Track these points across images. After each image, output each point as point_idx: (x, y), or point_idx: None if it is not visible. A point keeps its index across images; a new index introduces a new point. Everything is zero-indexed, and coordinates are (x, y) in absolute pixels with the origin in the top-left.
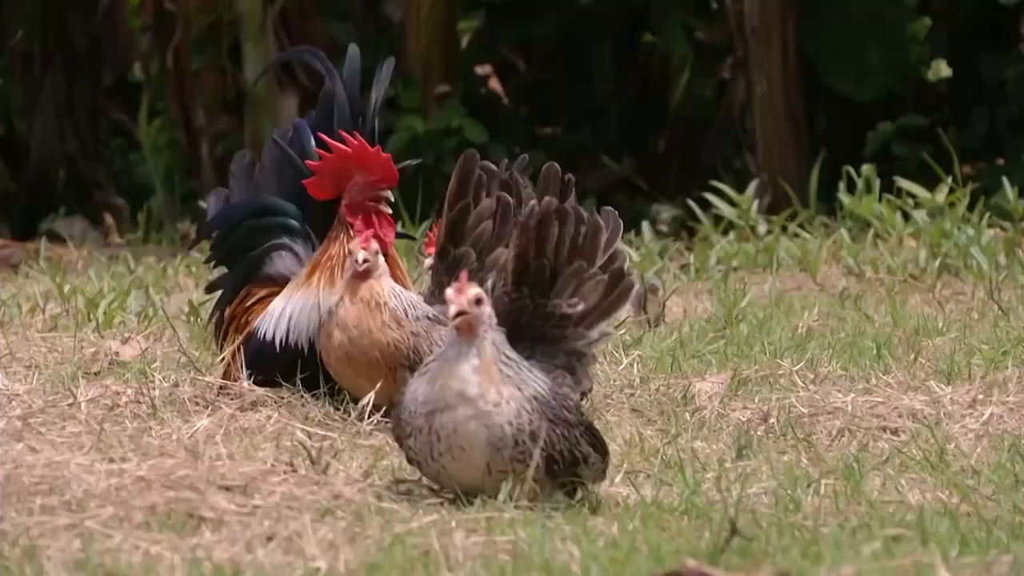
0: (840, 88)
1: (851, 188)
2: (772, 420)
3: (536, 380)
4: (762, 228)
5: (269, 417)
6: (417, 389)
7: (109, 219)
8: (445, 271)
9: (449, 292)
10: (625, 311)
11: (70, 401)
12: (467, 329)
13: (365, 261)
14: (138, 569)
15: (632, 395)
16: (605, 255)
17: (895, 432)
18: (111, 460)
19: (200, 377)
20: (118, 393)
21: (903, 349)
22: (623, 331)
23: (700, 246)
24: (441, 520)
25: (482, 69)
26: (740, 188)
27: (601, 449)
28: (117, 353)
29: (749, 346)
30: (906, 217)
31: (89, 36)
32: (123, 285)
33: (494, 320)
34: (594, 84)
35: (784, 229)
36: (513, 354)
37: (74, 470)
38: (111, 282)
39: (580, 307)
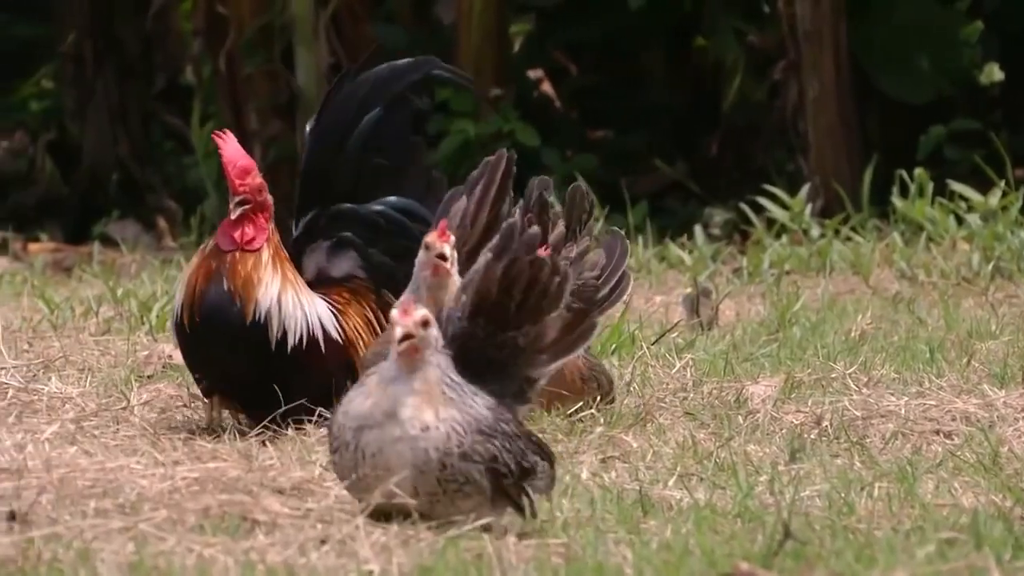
0: (892, 91)
1: (904, 191)
2: (825, 423)
3: (478, 403)
4: (815, 232)
5: (321, 419)
6: (351, 402)
7: (162, 222)
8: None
9: (394, 313)
10: (582, 350)
11: (123, 405)
12: (412, 352)
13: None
14: (191, 572)
15: (685, 398)
16: (608, 283)
17: (948, 435)
18: (164, 463)
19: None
20: (171, 396)
21: (956, 352)
22: (676, 335)
23: (753, 250)
24: (494, 523)
25: (534, 73)
26: (793, 191)
27: (548, 457)
28: (170, 356)
29: (802, 349)
30: (959, 221)
31: (141, 40)
32: (177, 287)
33: (440, 342)
34: (646, 87)
35: (837, 233)
36: (457, 377)
37: (127, 473)
38: (164, 285)
39: (536, 338)
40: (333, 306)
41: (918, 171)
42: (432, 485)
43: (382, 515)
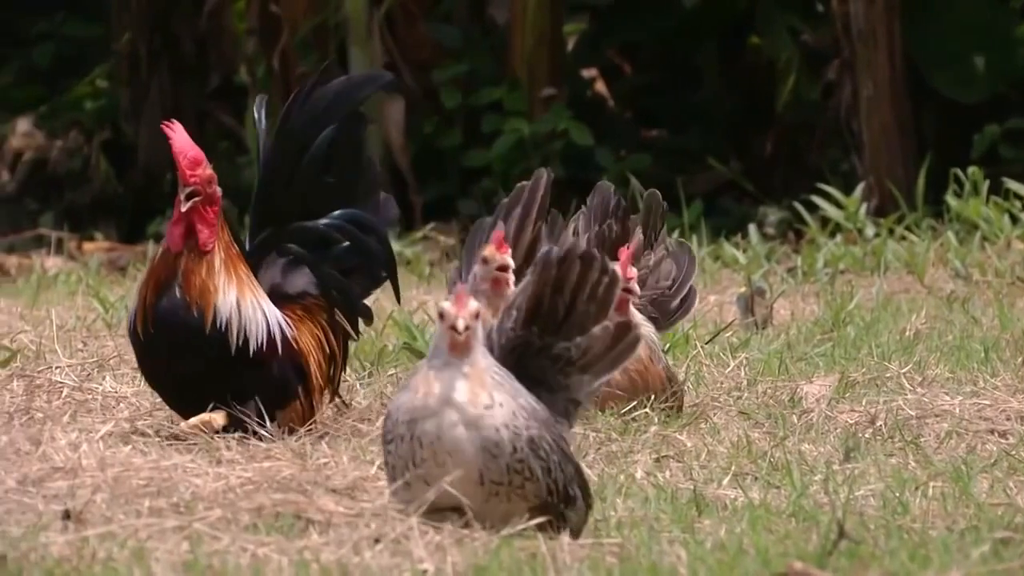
0: (946, 90)
1: (958, 191)
2: (880, 423)
3: (531, 398)
4: (869, 231)
5: (376, 419)
6: (400, 400)
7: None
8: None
9: (447, 305)
10: (624, 366)
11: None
12: (464, 345)
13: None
14: (246, 571)
15: (739, 398)
16: (677, 295)
17: (1003, 435)
18: (218, 463)
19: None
20: None
21: (1011, 352)
22: (730, 334)
23: (807, 249)
24: (548, 522)
25: (588, 72)
26: (847, 191)
27: (588, 497)
28: None
29: (856, 349)
30: (1013, 220)
31: (195, 39)
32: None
33: (482, 334)
34: (700, 87)
35: (891, 232)
36: (503, 370)
37: (182, 473)
38: None
39: (584, 348)
40: (287, 320)
41: (972, 170)
42: (500, 473)
43: (434, 513)
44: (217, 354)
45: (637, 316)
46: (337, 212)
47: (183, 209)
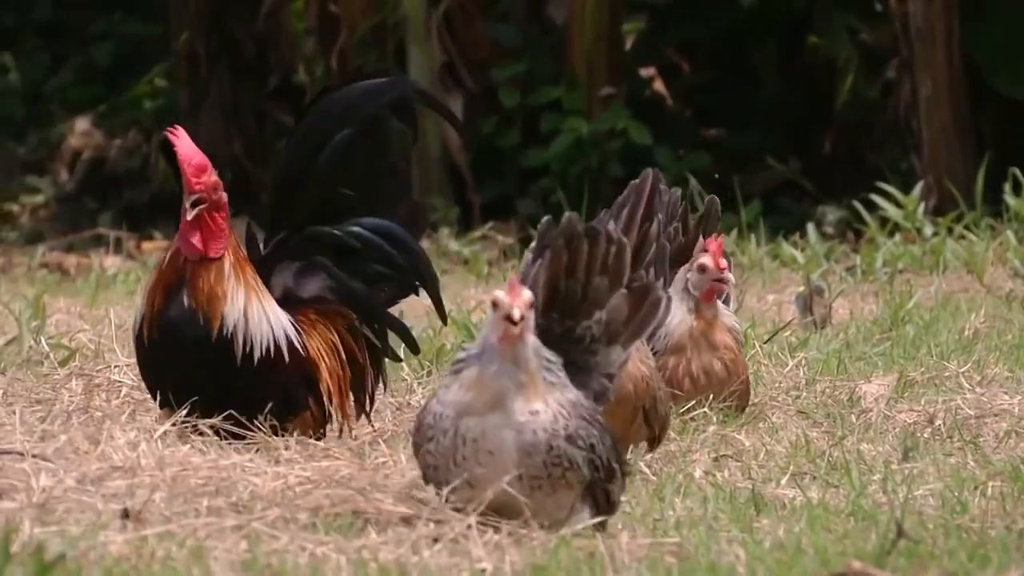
0: (1005, 89)
1: (1017, 189)
2: (938, 422)
3: (574, 388)
4: (928, 230)
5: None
6: (448, 391)
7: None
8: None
9: (502, 295)
10: (653, 327)
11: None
12: (518, 336)
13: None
14: (304, 570)
15: (798, 397)
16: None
17: None
18: (277, 462)
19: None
20: None
21: None
22: (789, 333)
23: (866, 248)
24: (607, 521)
25: (646, 71)
26: (906, 190)
27: (623, 465)
28: None
29: (915, 348)
30: None
31: (254, 39)
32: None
33: (533, 324)
34: (759, 86)
35: (950, 231)
36: (552, 355)
37: (240, 472)
38: None
39: (605, 322)
40: (297, 326)
41: None
42: (538, 468)
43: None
44: (222, 363)
45: (720, 304)
46: (367, 221)
47: (188, 217)
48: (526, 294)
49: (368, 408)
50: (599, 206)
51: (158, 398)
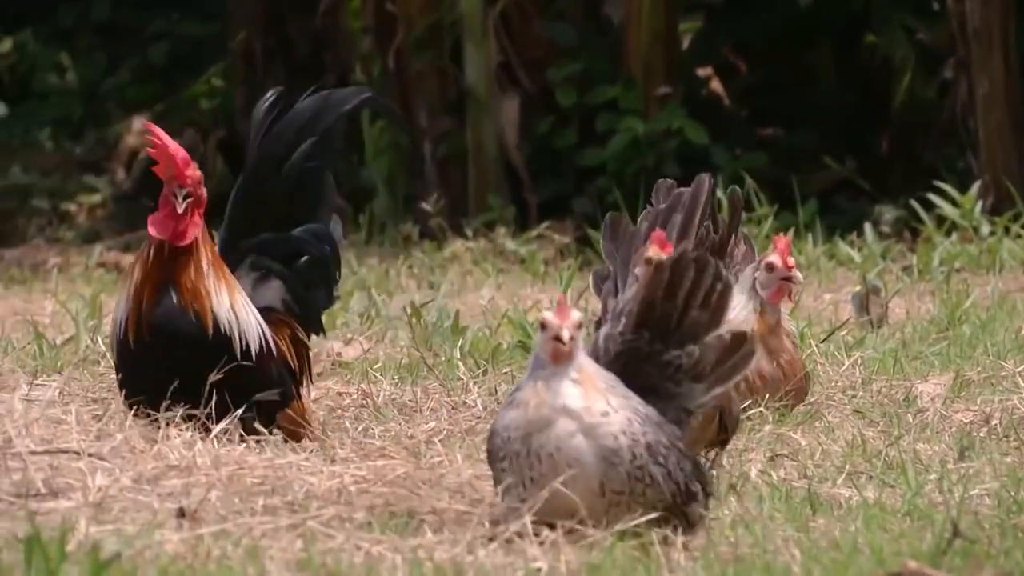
0: None
1: None
2: (995, 422)
3: (646, 405)
4: (985, 229)
5: (489, 418)
6: (507, 416)
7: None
8: None
9: (550, 316)
10: (740, 377)
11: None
12: (567, 356)
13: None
14: (360, 569)
15: (854, 396)
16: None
17: None
18: (332, 461)
19: (422, 378)
20: (340, 394)
21: None
22: (845, 332)
23: (923, 247)
24: (670, 521)
25: (703, 71)
26: (963, 189)
27: (707, 487)
28: (339, 354)
29: (972, 347)
30: None
31: (310, 38)
32: (346, 286)
33: (582, 344)
34: (816, 85)
35: (1007, 230)
36: (609, 375)
37: (296, 471)
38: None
39: (696, 357)
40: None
41: None
42: (621, 481)
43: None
44: (221, 359)
45: (781, 309)
46: (307, 226)
47: (180, 210)
48: (574, 315)
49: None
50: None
51: (134, 398)
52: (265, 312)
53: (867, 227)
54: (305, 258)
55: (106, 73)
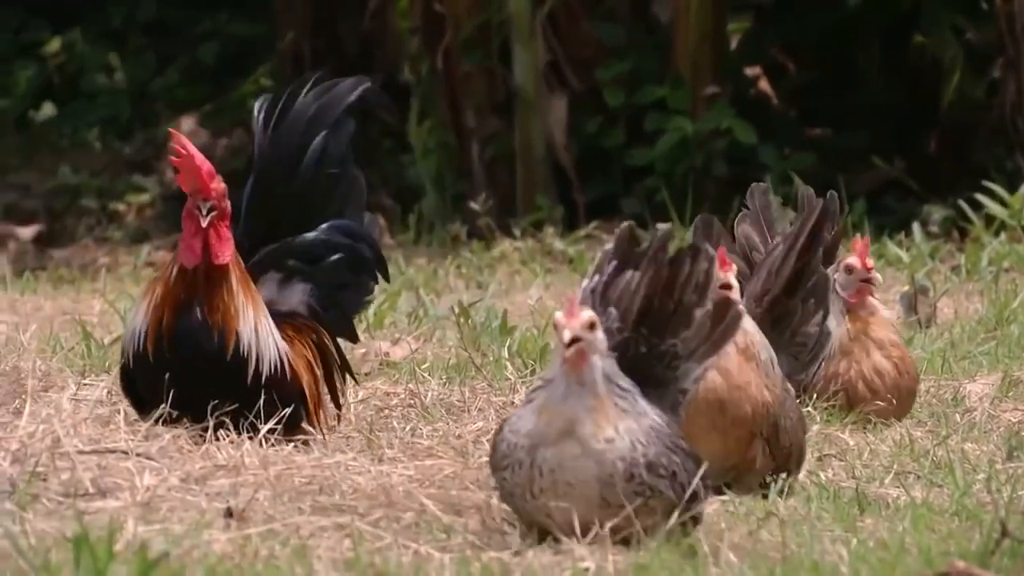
0: None
1: None
2: None
3: (652, 410)
4: None
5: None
6: (520, 419)
7: (380, 220)
8: (771, 323)
9: (559, 316)
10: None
11: (340, 402)
12: (580, 358)
13: (574, 340)
14: (407, 569)
15: None
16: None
17: None
18: (380, 460)
19: (470, 378)
20: (388, 394)
21: None
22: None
23: (971, 247)
24: (711, 518)
25: (751, 70)
26: (1012, 189)
27: (707, 490)
28: (387, 354)
29: (1020, 347)
30: None
31: (358, 38)
32: (394, 286)
33: (605, 345)
34: (864, 85)
35: None
36: (626, 383)
37: (344, 471)
38: (382, 284)
39: (688, 339)
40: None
41: None
42: (619, 498)
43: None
44: (236, 379)
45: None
46: (334, 223)
47: (204, 224)
48: (584, 315)
49: (336, 419)
50: (703, 206)
51: (145, 410)
52: (288, 317)
53: (915, 227)
54: (333, 257)
55: (155, 73)
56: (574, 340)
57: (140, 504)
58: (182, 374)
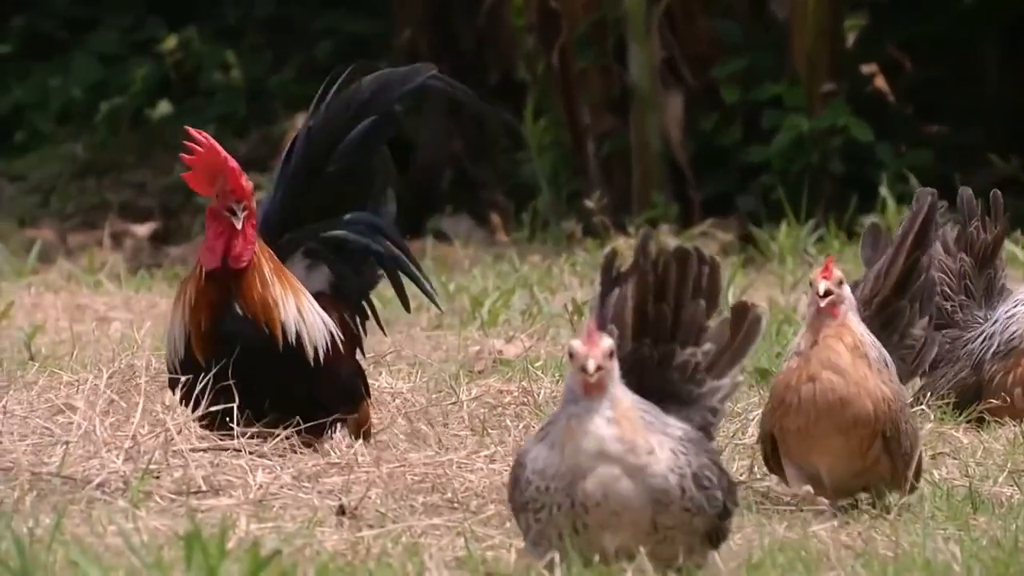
0: None
1: None
2: None
3: (678, 423)
4: None
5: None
6: (537, 458)
7: (495, 218)
8: (881, 325)
9: (577, 344)
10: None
11: (453, 400)
12: (599, 386)
13: (827, 293)
14: (519, 567)
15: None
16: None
17: None
18: (493, 459)
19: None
20: (501, 392)
21: None
22: None
23: None
24: (822, 517)
25: (868, 68)
26: None
27: (736, 502)
28: (501, 352)
29: None
30: None
31: (474, 36)
32: (508, 284)
33: (618, 373)
34: (981, 83)
35: None
36: (647, 405)
37: (456, 468)
38: (496, 281)
39: (709, 351)
40: None
41: None
42: (673, 518)
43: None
44: (294, 368)
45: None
46: (357, 214)
47: (239, 226)
48: (604, 343)
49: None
50: (819, 204)
51: (217, 416)
52: (317, 298)
53: None
54: (352, 249)
55: (271, 70)
56: (598, 368)
57: (252, 502)
58: (240, 374)
